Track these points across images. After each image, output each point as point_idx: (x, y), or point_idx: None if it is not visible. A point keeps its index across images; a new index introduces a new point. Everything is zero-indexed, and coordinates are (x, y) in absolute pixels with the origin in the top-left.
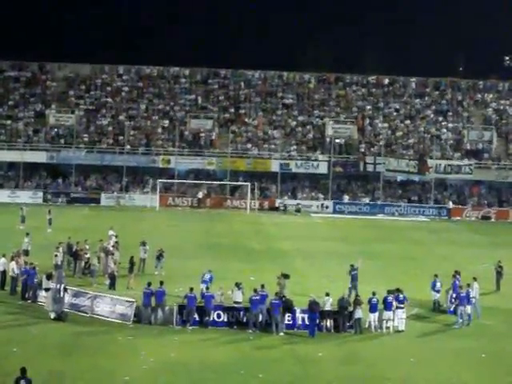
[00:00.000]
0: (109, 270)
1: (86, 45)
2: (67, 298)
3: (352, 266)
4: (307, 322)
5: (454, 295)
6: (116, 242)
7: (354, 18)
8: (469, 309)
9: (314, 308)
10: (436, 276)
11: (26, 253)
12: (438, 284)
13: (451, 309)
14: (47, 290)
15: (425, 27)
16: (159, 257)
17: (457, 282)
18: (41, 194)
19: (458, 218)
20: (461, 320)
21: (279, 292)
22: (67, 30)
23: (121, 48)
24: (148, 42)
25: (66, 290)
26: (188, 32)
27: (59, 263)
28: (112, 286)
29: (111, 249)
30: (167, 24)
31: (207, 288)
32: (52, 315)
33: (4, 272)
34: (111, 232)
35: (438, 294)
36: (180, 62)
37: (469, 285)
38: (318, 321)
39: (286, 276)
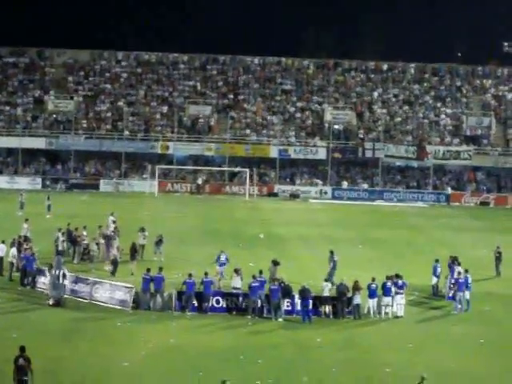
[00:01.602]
0: (111, 257)
1: (84, 31)
2: (66, 284)
3: (332, 252)
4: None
5: (453, 281)
6: (115, 228)
7: (352, 4)
8: (467, 294)
9: (305, 294)
10: (437, 261)
11: (26, 239)
12: (439, 269)
13: (450, 295)
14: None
15: (423, 13)
16: (158, 242)
17: (455, 268)
18: (39, 180)
19: (457, 203)
20: (459, 306)
21: (278, 278)
22: (66, 15)
23: (120, 34)
24: (147, 28)
25: (65, 276)
26: (187, 18)
27: (62, 249)
28: (114, 272)
29: (112, 234)
30: (166, 10)
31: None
32: (50, 301)
33: (1, 258)
34: (111, 218)
35: (437, 278)
36: (179, 48)
37: (467, 270)
38: (310, 307)
39: (276, 263)
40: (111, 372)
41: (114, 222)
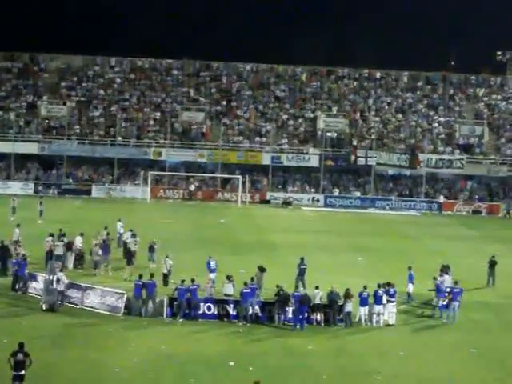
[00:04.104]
0: (166, 265)
1: (78, 36)
2: (61, 289)
3: (302, 259)
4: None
5: (448, 290)
6: (107, 235)
7: (346, 12)
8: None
9: (303, 301)
10: (410, 268)
11: (16, 242)
12: (414, 276)
13: (444, 303)
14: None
15: (417, 21)
16: (150, 249)
17: (443, 277)
18: (32, 185)
19: (449, 212)
20: (452, 314)
21: (280, 285)
22: (59, 20)
23: (113, 39)
24: (140, 34)
25: (58, 281)
26: (180, 24)
27: (61, 253)
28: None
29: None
30: (159, 16)
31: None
32: (44, 306)
33: None
34: (120, 224)
35: (413, 285)
36: (172, 55)
37: (456, 282)
38: (306, 314)
39: (262, 269)
40: (102, 378)
41: (122, 227)
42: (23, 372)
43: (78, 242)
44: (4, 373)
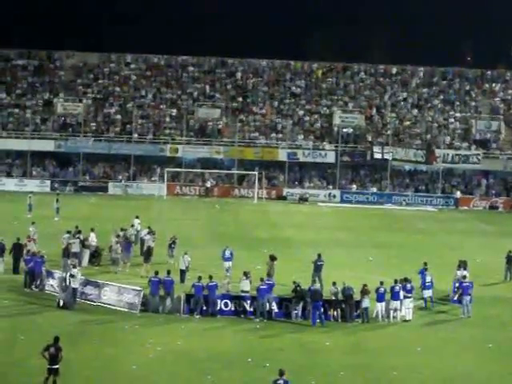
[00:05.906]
0: (186, 262)
1: (93, 33)
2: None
3: (319, 255)
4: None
5: (457, 284)
6: (124, 231)
7: (361, 7)
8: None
9: (313, 296)
10: (425, 264)
11: (28, 240)
12: (426, 273)
13: (455, 298)
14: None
15: (433, 16)
16: (171, 245)
17: (459, 272)
18: (48, 182)
19: (466, 207)
20: (465, 309)
21: (296, 281)
22: (75, 18)
23: (128, 36)
24: (156, 31)
25: (72, 276)
26: (196, 21)
27: (77, 251)
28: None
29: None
30: (175, 13)
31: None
32: (61, 302)
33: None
34: (137, 221)
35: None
36: (188, 51)
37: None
38: (323, 310)
39: (273, 258)
40: (118, 375)
41: (139, 224)
42: (57, 366)
43: (92, 237)
44: (23, 368)
